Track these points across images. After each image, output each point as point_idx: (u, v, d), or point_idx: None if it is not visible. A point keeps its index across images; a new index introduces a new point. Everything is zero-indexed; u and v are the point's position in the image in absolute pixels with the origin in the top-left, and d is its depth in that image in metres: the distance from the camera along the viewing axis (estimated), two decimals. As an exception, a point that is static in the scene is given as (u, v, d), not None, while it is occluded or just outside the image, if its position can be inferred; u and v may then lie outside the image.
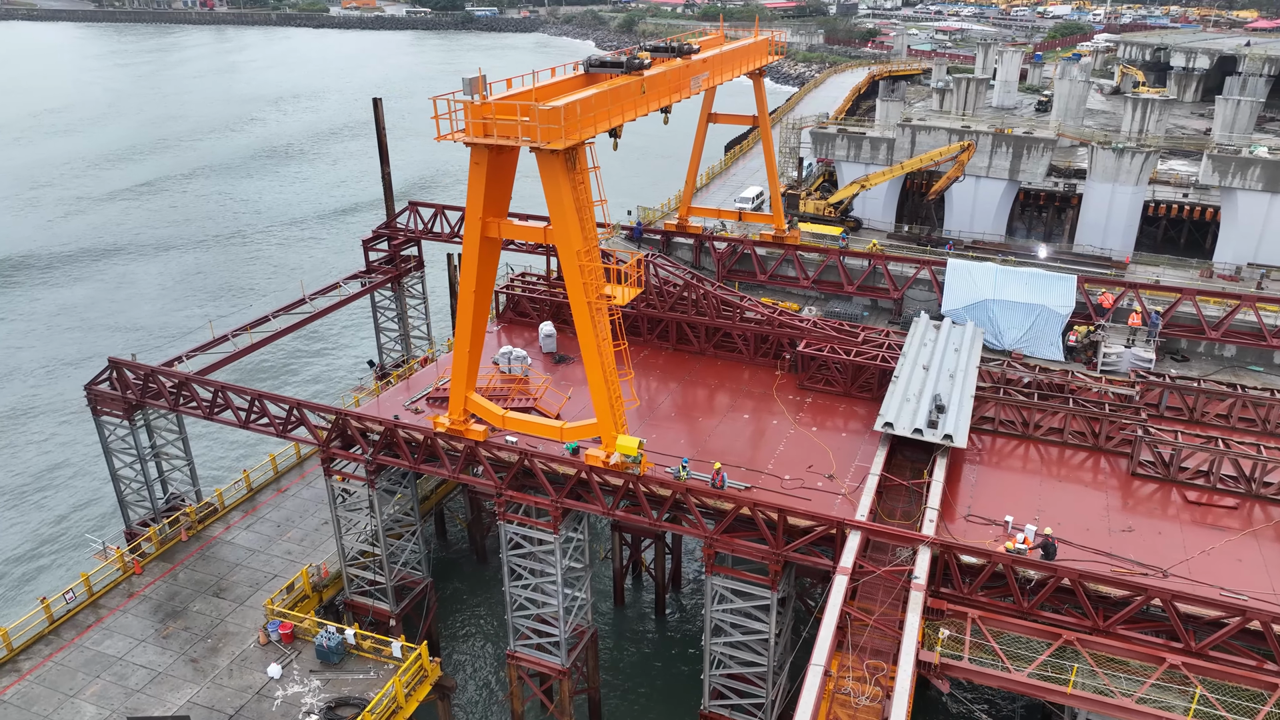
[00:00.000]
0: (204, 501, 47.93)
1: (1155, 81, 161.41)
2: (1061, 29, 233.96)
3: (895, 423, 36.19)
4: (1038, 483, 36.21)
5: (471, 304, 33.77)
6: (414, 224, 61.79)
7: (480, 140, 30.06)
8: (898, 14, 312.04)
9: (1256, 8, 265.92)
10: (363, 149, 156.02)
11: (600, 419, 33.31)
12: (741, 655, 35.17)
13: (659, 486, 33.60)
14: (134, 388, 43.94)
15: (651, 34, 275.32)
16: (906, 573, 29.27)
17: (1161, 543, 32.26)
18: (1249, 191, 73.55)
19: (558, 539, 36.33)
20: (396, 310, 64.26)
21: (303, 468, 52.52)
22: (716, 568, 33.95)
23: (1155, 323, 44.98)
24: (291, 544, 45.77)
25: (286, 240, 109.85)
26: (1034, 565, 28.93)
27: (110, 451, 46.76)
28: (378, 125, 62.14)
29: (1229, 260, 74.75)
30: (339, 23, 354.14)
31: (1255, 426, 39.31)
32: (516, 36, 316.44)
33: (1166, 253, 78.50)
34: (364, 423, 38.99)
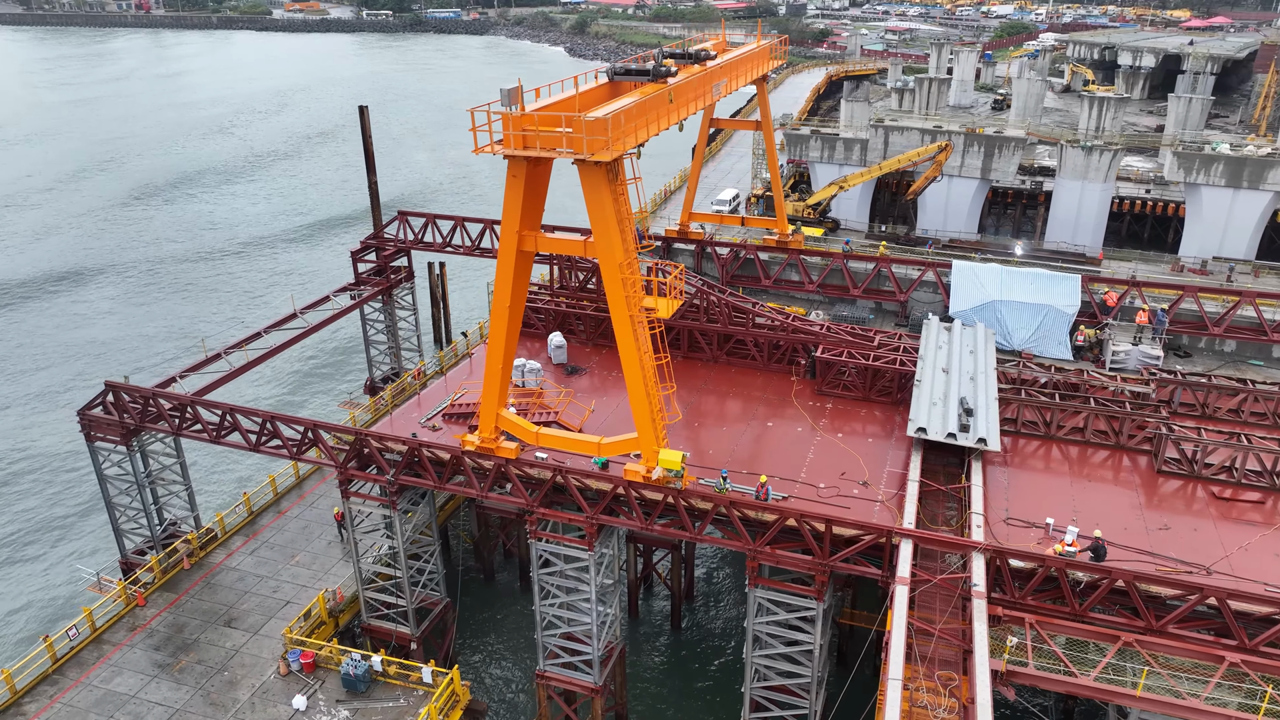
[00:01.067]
0: (205, 528, 46.26)
1: (1104, 80, 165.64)
2: (1008, 28, 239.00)
3: (928, 428, 36.22)
4: (1068, 483, 36.57)
5: (505, 319, 32.97)
6: (403, 234, 60.45)
7: (519, 152, 29.30)
8: (846, 14, 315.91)
9: (1189, 7, 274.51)
10: (338, 157, 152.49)
11: (641, 433, 32.76)
12: (784, 667, 34.90)
13: (701, 500, 33.18)
14: (132, 412, 42.15)
15: (605, 35, 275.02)
16: (962, 580, 29.24)
17: (1198, 540, 32.76)
18: (1213, 187, 75.58)
19: (592, 555, 35.68)
20: (386, 323, 62.87)
21: (302, 489, 51.03)
22: (760, 580, 33.62)
23: (1162, 320, 45.87)
24: (300, 568, 44.35)
25: (267, 254, 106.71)
26: (1088, 568, 29.12)
27: (105, 479, 44.83)
28: (364, 133, 60.66)
29: (1194, 254, 76.81)
30: (282, 25, 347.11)
31: (1265, 420, 40.25)
32: (467, 39, 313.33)
33: (1130, 247, 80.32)
34: (383, 442, 37.88)
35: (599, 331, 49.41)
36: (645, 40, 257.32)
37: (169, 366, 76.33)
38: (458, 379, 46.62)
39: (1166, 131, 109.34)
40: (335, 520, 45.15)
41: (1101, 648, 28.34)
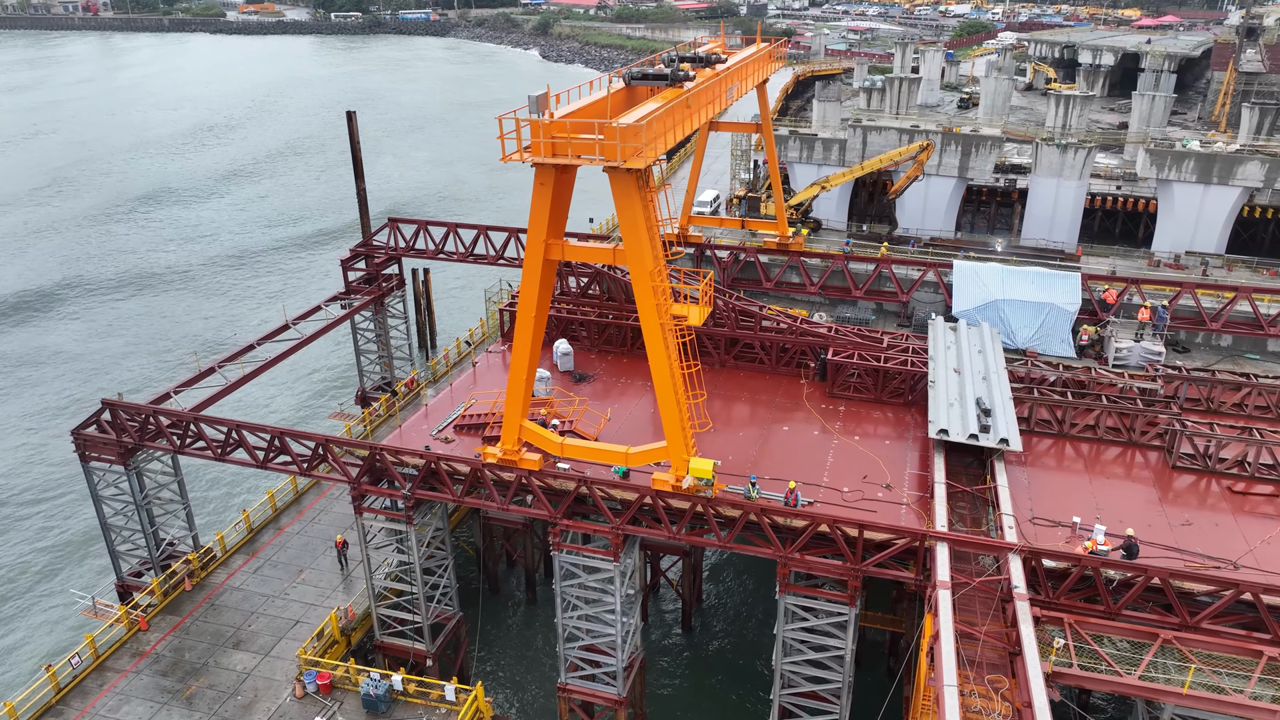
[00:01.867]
0: (204, 547, 45.03)
1: (1065, 78, 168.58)
2: (967, 27, 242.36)
3: (950, 429, 36.32)
4: (1087, 481, 36.90)
5: (531, 329, 32.41)
6: (393, 241, 59.44)
7: (549, 160, 28.78)
8: (807, 14, 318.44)
9: (1139, 6, 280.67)
10: (318, 164, 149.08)
11: (671, 442, 32.39)
12: (814, 673, 34.79)
13: (730, 508, 32.92)
14: (130, 430, 40.83)
15: (568, 36, 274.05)
16: (1001, 582, 29.31)
17: (1220, 534, 33.22)
18: (1184, 183, 77.16)
19: (617, 566, 35.26)
20: (375, 331, 61.79)
21: (300, 504, 49.98)
22: (790, 586, 33.45)
23: (1163, 317, 46.56)
24: (307, 586, 43.36)
25: (253, 265, 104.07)
26: (1123, 566, 29.35)
27: (100, 499, 43.41)
28: (351, 139, 59.65)
29: (1167, 249, 78.42)
30: (237, 28, 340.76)
31: (1269, 413, 41.02)
32: (427, 40, 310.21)
33: (1102, 243, 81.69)
34: (398, 456, 37.08)
35: (603, 338, 48.95)
36: (609, 41, 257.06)
37: (159, 383, 74.33)
38: (464, 388, 45.84)
39: (1131, 128, 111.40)
40: (336, 547, 43.90)
41: (1138, 645, 28.57)
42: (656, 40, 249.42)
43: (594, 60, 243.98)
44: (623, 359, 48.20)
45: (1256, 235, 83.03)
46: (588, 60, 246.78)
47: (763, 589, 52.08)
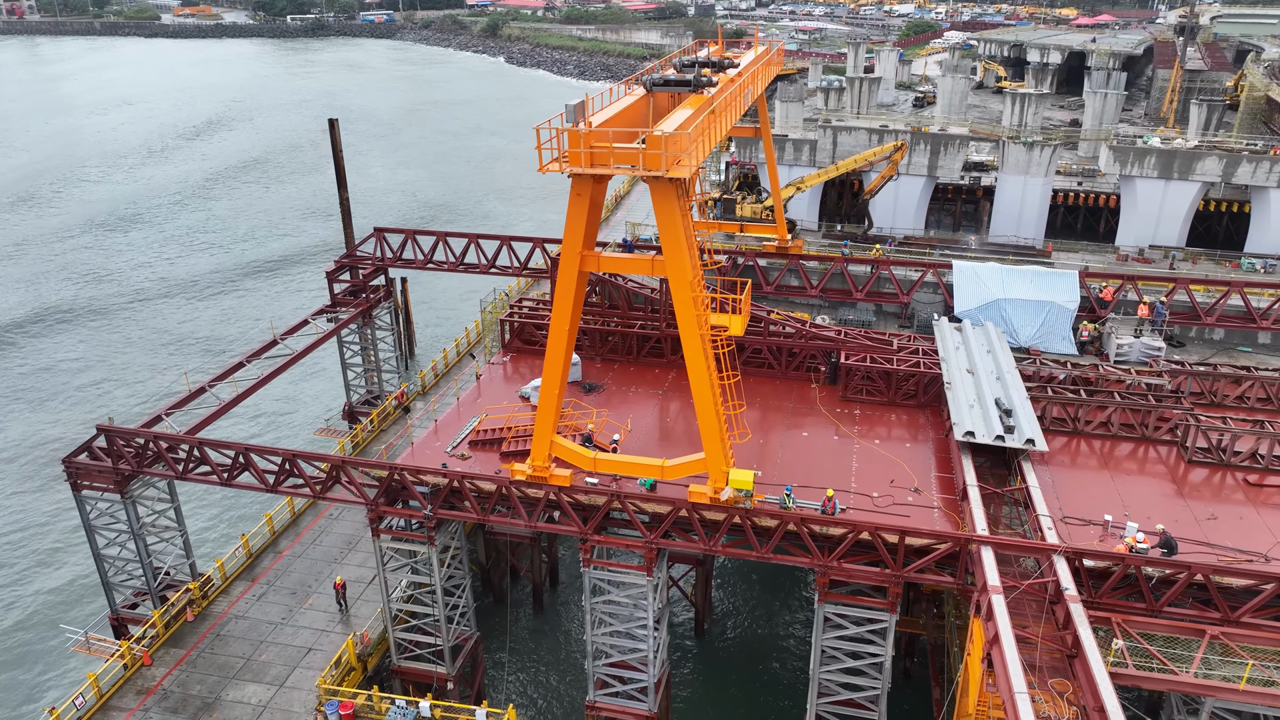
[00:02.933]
0: (205, 576, 43.28)
1: (1014, 76, 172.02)
2: (914, 26, 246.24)
3: (976, 431, 36.45)
4: (1109, 478, 37.33)
5: (565, 344, 31.65)
6: (379, 251, 58.03)
7: (587, 170, 28.08)
8: (753, 14, 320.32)
9: (1075, 5, 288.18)
10: (292, 175, 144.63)
11: (710, 454, 31.89)
12: (853, 680, 34.63)
13: (769, 518, 32.56)
14: (128, 457, 39.01)
15: (518, 38, 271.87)
16: (1049, 584, 29.40)
17: (1245, 527, 33.82)
18: (1146, 179, 79.12)
19: (651, 581, 34.68)
20: (360, 344, 60.23)
21: (298, 526, 48.35)
22: (831, 595, 33.22)
23: (1162, 313, 47.48)
24: (316, 612, 41.88)
25: (232, 280, 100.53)
26: (1166, 564, 29.65)
27: (92, 530, 41.43)
28: (334, 147, 58.10)
29: (1131, 243, 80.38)
30: (173, 31, 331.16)
31: (1270, 405, 42.04)
32: (372, 43, 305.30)
33: (1065, 238, 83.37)
34: (418, 476, 35.98)
35: (606, 346, 48.27)
36: (561, 43, 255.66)
37: (146, 406, 71.75)
38: (470, 402, 44.75)
39: (1086, 125, 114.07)
40: (335, 589, 41.25)
41: (1184, 642, 28.88)
42: (608, 41, 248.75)
43: (546, 62, 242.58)
44: (629, 367, 47.58)
45: (1211, 228, 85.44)
46: (539, 62, 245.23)
47: (769, 592, 51.94)
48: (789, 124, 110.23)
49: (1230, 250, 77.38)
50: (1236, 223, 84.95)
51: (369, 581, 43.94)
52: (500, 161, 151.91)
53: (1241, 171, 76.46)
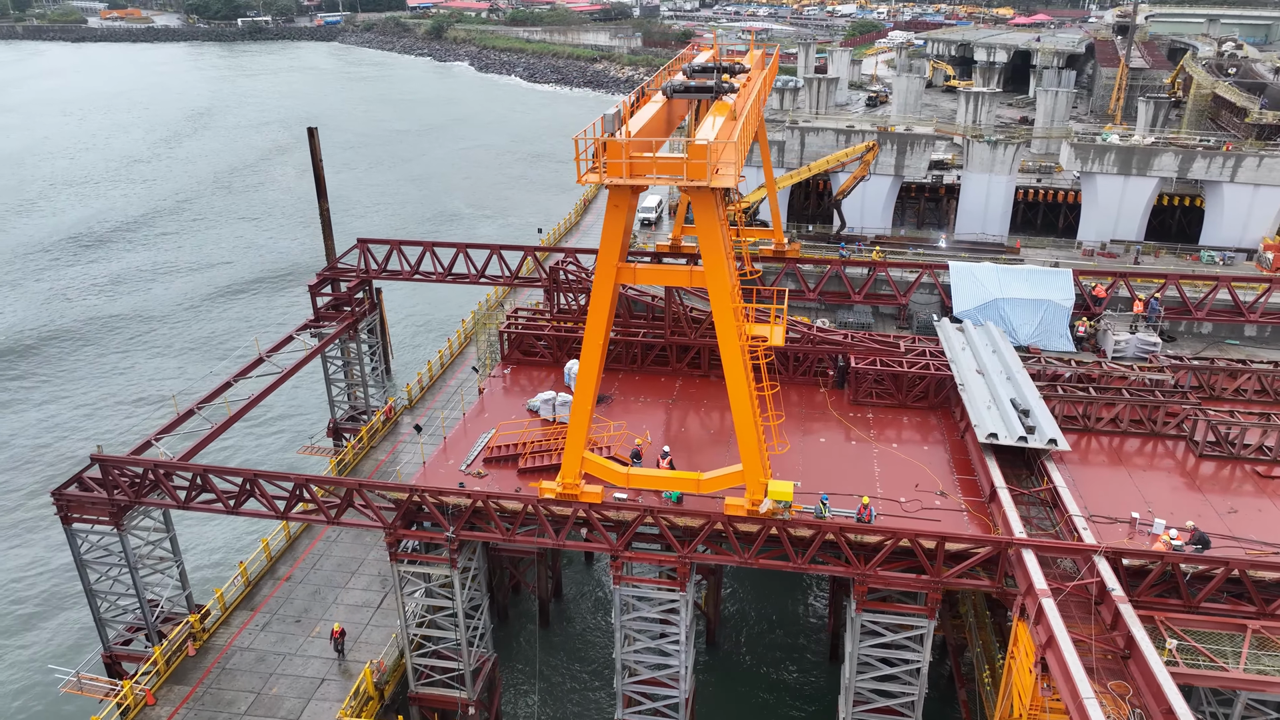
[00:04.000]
0: (202, 607, 41.51)
1: (962, 75, 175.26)
2: (859, 26, 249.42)
3: (999, 433, 36.60)
4: (1125, 475, 37.79)
5: (598, 358, 30.89)
6: (363, 263, 56.39)
7: (626, 181, 27.40)
8: (698, 15, 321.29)
9: (1011, 5, 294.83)
10: (263, 184, 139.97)
11: (748, 466, 31.42)
12: (889, 688, 34.50)
13: (806, 529, 32.23)
14: (124, 486, 37.11)
15: (464, 40, 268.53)
16: (1094, 585, 29.54)
17: (1265, 519, 34.47)
18: (1106, 175, 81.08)
19: (684, 596, 34.12)
20: (343, 359, 58.45)
21: (295, 550, 46.75)
22: (869, 603, 33.02)
23: (1156, 308, 48.42)
24: (324, 640, 40.43)
25: (209, 298, 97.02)
26: (1205, 560, 30.03)
27: (84, 564, 39.35)
28: (313, 156, 56.28)
29: (1093, 238, 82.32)
30: (101, 35, 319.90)
31: (1266, 397, 43.11)
32: (312, 46, 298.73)
33: (1024, 234, 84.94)
34: (440, 497, 34.84)
35: (611, 355, 47.47)
36: (508, 45, 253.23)
37: (130, 432, 68.88)
38: (475, 418, 43.54)
39: (1038, 123, 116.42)
40: (333, 636, 38.88)
41: (1224, 637, 29.26)
42: (556, 43, 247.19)
43: (495, 65, 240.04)
44: (634, 377, 46.89)
45: (1165, 222, 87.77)
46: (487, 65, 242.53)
47: (776, 597, 51.79)
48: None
49: (1183, 242, 79.87)
50: (1189, 216, 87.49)
51: (377, 606, 42.67)
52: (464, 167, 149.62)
53: (1196, 167, 78.75)
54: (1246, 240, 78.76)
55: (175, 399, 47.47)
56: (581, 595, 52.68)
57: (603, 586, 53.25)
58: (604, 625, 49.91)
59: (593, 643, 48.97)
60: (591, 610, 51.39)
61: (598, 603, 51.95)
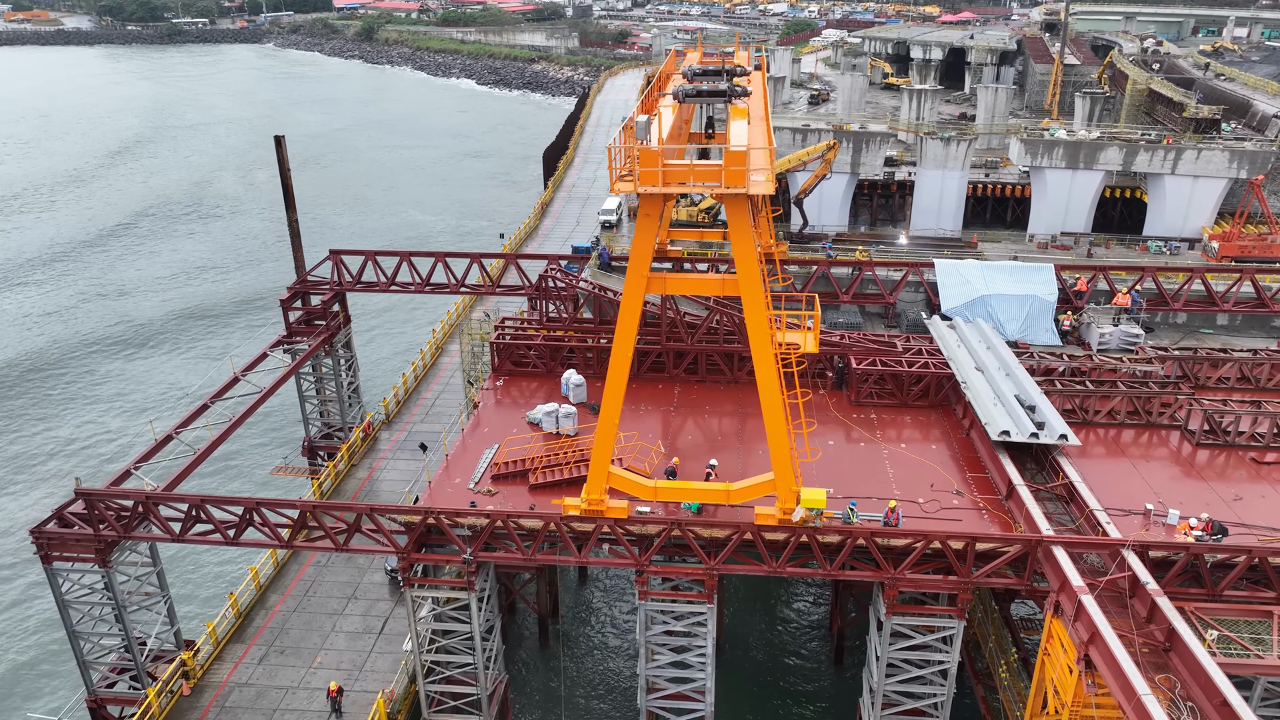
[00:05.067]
0: (190, 643, 39.52)
1: (899, 72, 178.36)
2: (793, 25, 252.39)
3: (1011, 430, 36.91)
4: (1129, 466, 38.50)
5: (625, 370, 30.16)
6: (336, 275, 54.50)
7: (658, 189, 26.72)
8: (631, 14, 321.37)
9: (937, 3, 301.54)
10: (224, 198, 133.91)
11: (780, 475, 31.02)
12: (917, 689, 34.52)
13: (835, 535, 32.00)
14: (111, 521, 34.99)
15: (396, 42, 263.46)
16: (1126, 579, 29.88)
17: (1268, 505, 35.43)
18: (1055, 169, 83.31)
19: (711, 608, 33.60)
20: (315, 375, 56.41)
21: (284, 577, 44.91)
22: (899, 607, 32.94)
23: (1138, 301, 49.57)
24: (328, 670, 38.88)
25: (174, 315, 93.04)
26: (1229, 550, 30.66)
27: (66, 605, 37.01)
28: (280, 165, 54.11)
29: (1043, 231, 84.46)
30: (7, 38, 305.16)
31: (1247, 384, 44.47)
32: (236, 49, 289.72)
33: (973, 228, 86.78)
34: (455, 519, 33.64)
35: (606, 364, 46.57)
36: (442, 45, 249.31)
37: (105, 462, 65.53)
38: (473, 433, 42.25)
39: (978, 120, 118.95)
40: (329, 696, 36.25)
41: (1252, 624, 29.91)
42: (491, 44, 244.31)
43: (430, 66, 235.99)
44: (631, 384, 45.72)
45: (1107, 214, 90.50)
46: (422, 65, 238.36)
47: (771, 602, 51.60)
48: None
49: (1124, 233, 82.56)
50: (1130, 207, 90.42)
51: (379, 631, 41.21)
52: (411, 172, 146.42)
53: (1140, 160, 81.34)
54: (1187, 230, 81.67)
55: (153, 424, 44.89)
56: (578, 613, 51.75)
57: (600, 603, 52.42)
58: (604, 643, 49.11)
59: (597, 660, 48.04)
60: (591, 628, 50.45)
61: (596, 620, 51.05)
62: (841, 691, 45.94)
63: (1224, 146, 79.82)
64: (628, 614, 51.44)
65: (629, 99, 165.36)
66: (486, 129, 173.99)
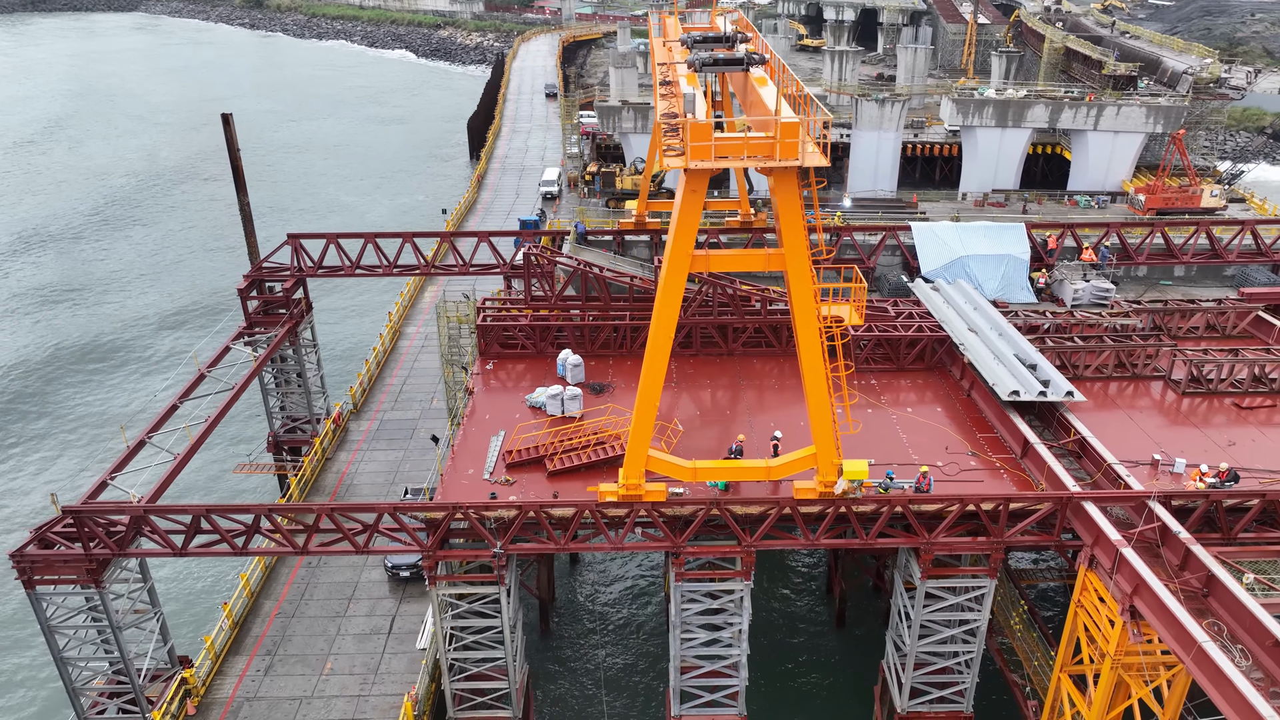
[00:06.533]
0: (184, 658, 37.26)
1: (813, 33, 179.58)
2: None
3: (1020, 390, 37.63)
4: (1124, 418, 39.81)
5: (666, 353, 29.32)
6: (296, 262, 51.64)
7: (708, 164, 25.84)
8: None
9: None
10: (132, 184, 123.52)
11: (822, 448, 30.82)
12: (950, 649, 35.19)
13: (871, 504, 32.12)
14: (103, 538, 32.43)
15: (289, 9, 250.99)
16: (1156, 529, 30.86)
17: (1260, 448, 37.16)
18: (985, 128, 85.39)
19: (748, 585, 33.40)
20: (276, 366, 53.53)
21: (275, 581, 42.79)
22: (934, 571, 33.39)
23: (1106, 256, 51.14)
24: (343, 676, 37.31)
25: (119, 312, 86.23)
26: (1246, 495, 32.01)
27: (53, 631, 34.27)
28: (229, 145, 50.79)
29: (974, 189, 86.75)
30: None
31: (1214, 332, 46.61)
32: (109, 17, 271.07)
33: (904, 188, 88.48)
34: (482, 512, 32.37)
35: (597, 342, 45.65)
36: (340, 13, 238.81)
37: (76, 476, 60.99)
38: (475, 422, 40.72)
39: (899, 80, 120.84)
40: None
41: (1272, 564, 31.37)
42: (391, 9, 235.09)
43: (329, 33, 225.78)
44: (625, 362, 45.28)
45: (1030, 170, 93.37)
46: (321, 33, 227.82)
47: (766, 570, 51.95)
48: (626, 91, 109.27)
49: (1047, 188, 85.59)
50: (1051, 164, 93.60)
51: (388, 631, 39.69)
52: (331, 148, 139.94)
53: (1064, 117, 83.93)
54: (1109, 183, 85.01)
55: (124, 430, 41.81)
56: (574, 597, 51.12)
57: (592, 589, 51.86)
58: (602, 628, 48.66)
59: (597, 645, 47.53)
60: (588, 613, 49.86)
61: (593, 605, 50.49)
62: (846, 653, 46.77)
63: (1141, 103, 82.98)
64: (620, 595, 51.21)
65: (546, 65, 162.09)
66: (400, 99, 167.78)
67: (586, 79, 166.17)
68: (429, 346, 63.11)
